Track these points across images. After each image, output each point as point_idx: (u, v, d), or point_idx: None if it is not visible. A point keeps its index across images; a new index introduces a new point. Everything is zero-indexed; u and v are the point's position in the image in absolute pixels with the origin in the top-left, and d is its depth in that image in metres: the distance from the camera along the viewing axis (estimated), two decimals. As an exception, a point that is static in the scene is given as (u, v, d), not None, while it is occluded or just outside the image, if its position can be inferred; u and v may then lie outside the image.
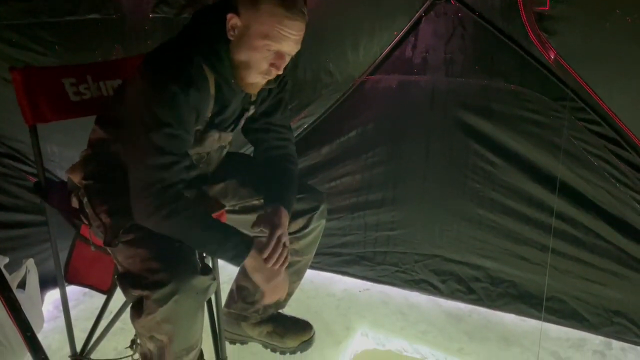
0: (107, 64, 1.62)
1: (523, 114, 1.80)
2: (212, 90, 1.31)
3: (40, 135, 1.51)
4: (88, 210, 1.37)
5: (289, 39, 1.23)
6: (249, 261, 1.34)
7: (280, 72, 1.30)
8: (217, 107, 1.35)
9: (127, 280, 1.30)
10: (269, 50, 1.24)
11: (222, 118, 1.40)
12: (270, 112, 1.53)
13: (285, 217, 1.46)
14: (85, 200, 1.38)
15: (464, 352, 1.85)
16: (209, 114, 1.35)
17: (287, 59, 1.27)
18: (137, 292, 1.28)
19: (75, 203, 1.43)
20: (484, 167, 1.90)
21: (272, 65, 1.26)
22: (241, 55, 1.26)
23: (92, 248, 1.42)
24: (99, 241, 1.38)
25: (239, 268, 1.79)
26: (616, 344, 1.84)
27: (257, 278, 1.38)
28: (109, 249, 1.36)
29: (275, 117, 1.55)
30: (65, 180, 1.58)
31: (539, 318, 1.92)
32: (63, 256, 1.65)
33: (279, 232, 1.41)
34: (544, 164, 1.81)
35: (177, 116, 1.23)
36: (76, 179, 1.43)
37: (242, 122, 1.49)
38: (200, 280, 1.24)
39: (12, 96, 1.46)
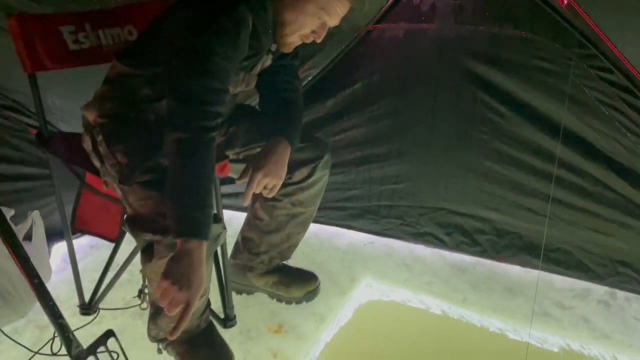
0: (106, 12, 1.58)
1: (533, 63, 1.75)
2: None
3: (40, 87, 1.49)
4: (102, 148, 1.35)
5: (337, 15, 1.33)
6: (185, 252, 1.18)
7: (319, 42, 1.38)
8: (249, 53, 1.34)
9: (138, 224, 1.30)
10: (318, 19, 1.32)
11: (247, 64, 1.40)
12: (281, 56, 1.52)
13: (284, 148, 1.45)
14: (100, 138, 1.35)
15: (468, 302, 1.87)
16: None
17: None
18: (147, 236, 1.28)
19: (87, 143, 1.40)
20: (492, 117, 1.87)
21: (314, 32, 1.35)
22: (290, 15, 1.32)
23: (104, 187, 1.39)
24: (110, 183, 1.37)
25: (244, 221, 1.81)
26: (621, 294, 1.85)
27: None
28: (118, 191, 1.35)
29: (285, 61, 1.57)
30: (67, 132, 1.58)
31: (544, 269, 1.93)
32: (69, 210, 1.66)
33: (259, 176, 1.41)
34: (554, 114, 1.77)
35: (228, 49, 1.23)
36: (91, 116, 1.40)
37: (259, 67, 1.47)
38: (212, 228, 1.23)
39: (12, 47, 1.44)
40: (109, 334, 1.40)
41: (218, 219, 1.36)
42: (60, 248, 2.01)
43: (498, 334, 1.78)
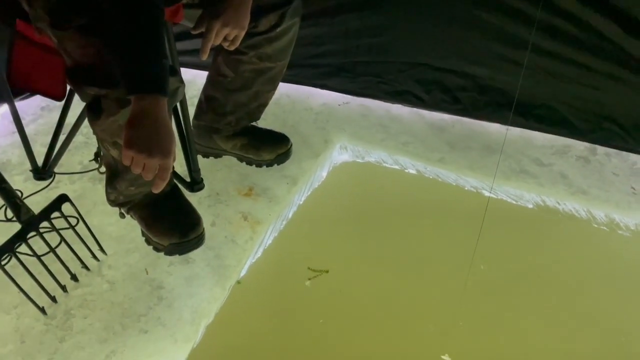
0: None
1: None
2: None
3: None
4: None
5: None
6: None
7: None
8: None
9: (80, 76, 1.13)
10: None
11: None
12: None
13: None
14: None
15: (445, 161, 1.81)
16: None
17: None
18: (92, 90, 1.12)
19: None
20: (482, -43, 1.65)
21: None
22: None
23: (37, 33, 1.19)
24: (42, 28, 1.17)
25: (206, 78, 1.65)
26: (601, 149, 1.80)
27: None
28: (54, 39, 1.16)
29: None
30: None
31: (525, 126, 1.85)
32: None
33: (217, 25, 1.24)
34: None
35: None
36: None
37: None
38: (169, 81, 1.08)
39: None
40: (63, 198, 1.30)
41: (174, 71, 1.20)
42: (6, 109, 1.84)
43: (473, 192, 1.75)
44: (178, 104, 1.42)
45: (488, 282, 1.46)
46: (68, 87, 1.40)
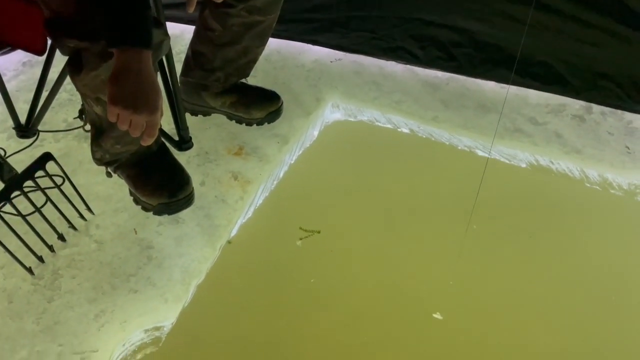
0: None
1: None
2: None
3: None
4: None
5: None
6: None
7: None
8: None
9: (59, 27, 1.07)
10: None
11: None
12: None
13: None
14: None
15: (438, 120, 1.78)
16: None
17: None
18: (72, 43, 1.07)
19: None
20: None
21: None
22: None
23: None
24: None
25: (193, 33, 1.59)
26: (597, 108, 1.77)
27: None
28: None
29: None
30: None
31: (520, 84, 1.82)
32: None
33: None
34: None
35: None
36: None
37: None
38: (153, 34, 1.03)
39: None
40: (47, 157, 1.27)
41: (158, 23, 1.14)
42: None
43: (467, 151, 1.73)
44: (164, 59, 1.36)
45: (480, 241, 1.45)
46: (49, 41, 1.34)
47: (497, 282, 1.37)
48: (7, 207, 1.21)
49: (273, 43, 2.02)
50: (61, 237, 1.33)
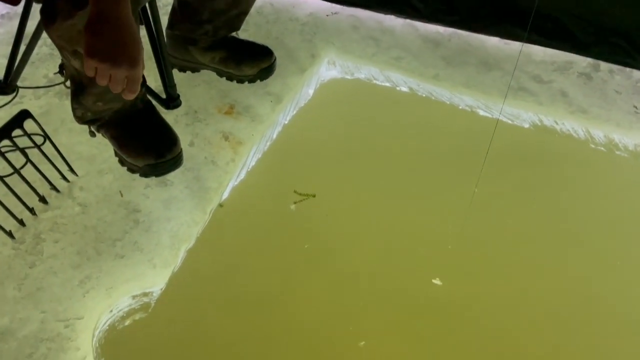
0: None
1: None
2: None
3: None
4: None
5: None
6: None
7: None
8: None
9: None
10: None
11: None
12: None
13: None
14: None
15: (439, 78, 1.70)
16: None
17: None
18: None
19: None
20: None
21: None
22: None
23: None
24: None
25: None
26: (604, 65, 1.69)
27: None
28: None
29: None
30: None
31: (527, 40, 1.73)
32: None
33: None
34: None
35: None
36: None
37: None
38: None
39: None
40: (24, 114, 1.19)
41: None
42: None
43: (468, 111, 1.66)
44: (147, 8, 1.26)
45: (481, 203, 1.40)
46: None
47: (499, 244, 1.33)
48: (-16, 168, 1.14)
49: (266, -5, 1.92)
50: (43, 200, 1.27)
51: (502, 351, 1.15)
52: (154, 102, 1.44)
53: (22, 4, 1.31)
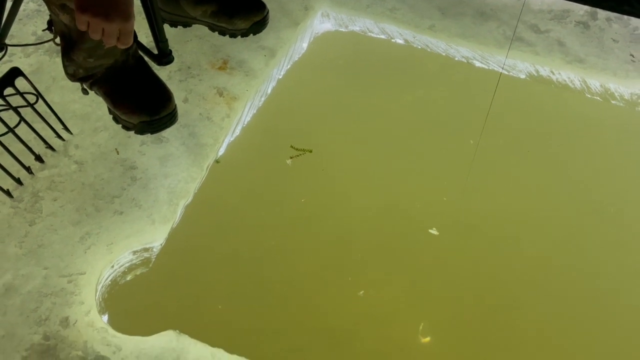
0: None
1: None
2: None
3: None
4: None
5: None
6: None
7: None
8: None
9: None
10: None
11: None
12: None
13: None
14: None
15: (435, 29, 1.67)
16: None
17: None
18: None
19: None
20: None
21: None
22: None
23: None
24: None
25: None
26: (602, 14, 1.67)
27: None
28: None
29: None
30: None
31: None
32: None
33: None
34: None
35: None
36: None
37: None
38: None
39: None
40: (15, 72, 1.18)
41: None
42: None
43: (464, 62, 1.64)
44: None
45: (477, 156, 1.41)
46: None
47: (495, 195, 1.34)
48: (-23, 128, 1.13)
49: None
50: (39, 159, 1.26)
51: (498, 300, 1.18)
52: (147, 59, 1.41)
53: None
